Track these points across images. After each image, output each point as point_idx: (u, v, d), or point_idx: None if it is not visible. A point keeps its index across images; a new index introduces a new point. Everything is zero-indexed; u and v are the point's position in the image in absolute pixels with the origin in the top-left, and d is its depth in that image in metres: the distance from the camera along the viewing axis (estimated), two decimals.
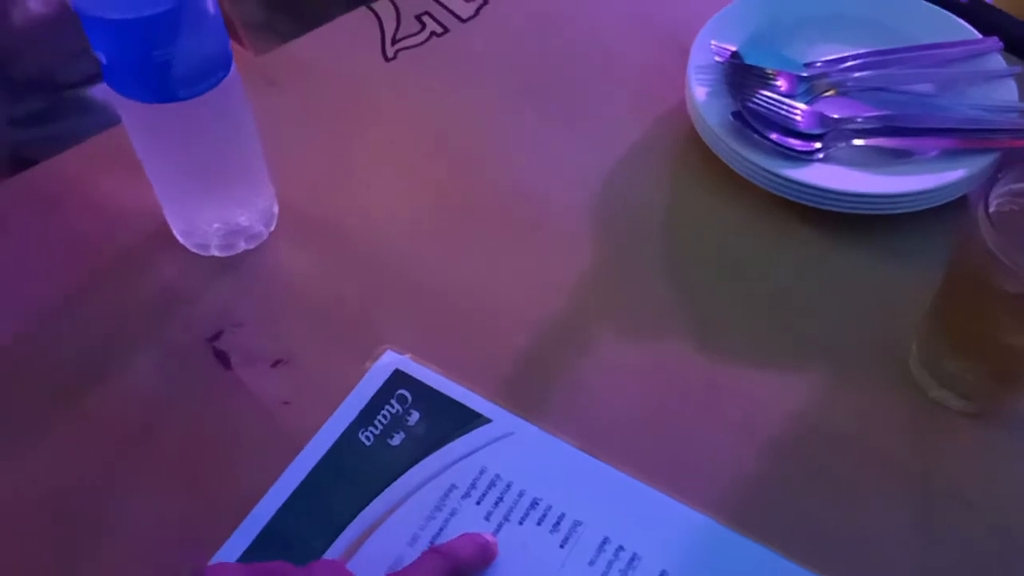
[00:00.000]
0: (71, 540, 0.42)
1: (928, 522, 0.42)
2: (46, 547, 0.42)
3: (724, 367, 0.47)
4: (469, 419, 0.45)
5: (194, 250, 0.51)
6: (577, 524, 0.42)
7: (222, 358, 0.47)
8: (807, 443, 0.44)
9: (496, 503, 0.43)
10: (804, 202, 0.52)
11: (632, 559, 0.41)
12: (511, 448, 0.45)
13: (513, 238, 0.53)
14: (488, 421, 0.45)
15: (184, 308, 0.49)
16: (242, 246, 0.51)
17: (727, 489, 0.43)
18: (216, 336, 0.48)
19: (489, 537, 0.41)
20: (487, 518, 0.42)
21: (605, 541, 0.41)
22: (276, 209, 0.52)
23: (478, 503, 0.43)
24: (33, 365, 0.48)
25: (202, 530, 0.42)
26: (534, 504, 0.43)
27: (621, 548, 0.41)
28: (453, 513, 0.42)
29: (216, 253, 0.51)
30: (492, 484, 0.43)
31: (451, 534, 0.41)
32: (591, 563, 0.41)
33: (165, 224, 0.51)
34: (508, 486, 0.43)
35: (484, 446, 0.45)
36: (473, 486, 0.43)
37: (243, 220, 0.51)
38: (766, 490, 0.43)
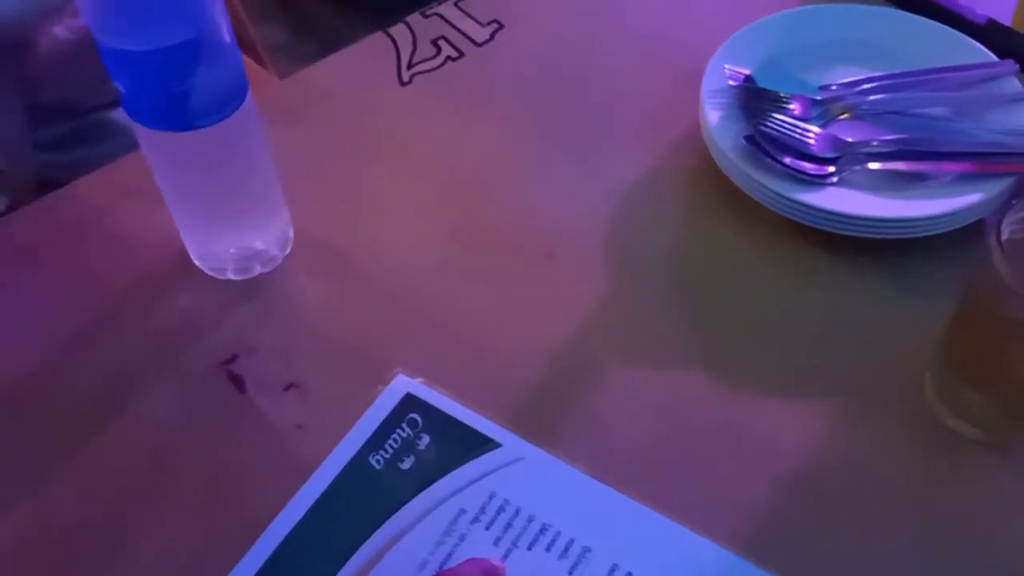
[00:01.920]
0: (80, 568, 0.42)
1: (941, 553, 0.42)
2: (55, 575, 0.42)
3: (736, 396, 0.47)
4: (479, 443, 0.45)
5: (211, 274, 0.52)
6: (586, 550, 0.42)
7: (236, 382, 0.48)
8: (819, 472, 0.44)
9: (505, 528, 0.43)
10: (818, 226, 0.51)
11: None
12: (521, 473, 0.45)
13: (525, 266, 0.53)
14: (498, 446, 0.45)
15: (200, 332, 0.50)
16: (257, 270, 0.52)
17: (738, 518, 0.43)
18: (231, 360, 0.49)
19: (496, 562, 0.41)
20: (496, 543, 0.42)
21: (614, 568, 0.41)
22: (291, 233, 0.53)
23: (487, 528, 0.43)
24: (51, 391, 0.48)
25: (214, 556, 0.42)
26: (543, 530, 0.43)
27: (630, 575, 0.41)
28: (462, 538, 0.42)
29: (232, 277, 0.52)
30: (502, 509, 0.43)
31: (460, 559, 0.41)
32: None
33: (182, 248, 0.52)
34: (517, 511, 0.43)
35: (494, 471, 0.45)
36: (483, 511, 0.43)
37: (258, 244, 0.51)
38: (777, 519, 0.43)
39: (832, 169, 0.53)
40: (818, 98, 0.57)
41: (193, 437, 0.47)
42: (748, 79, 0.57)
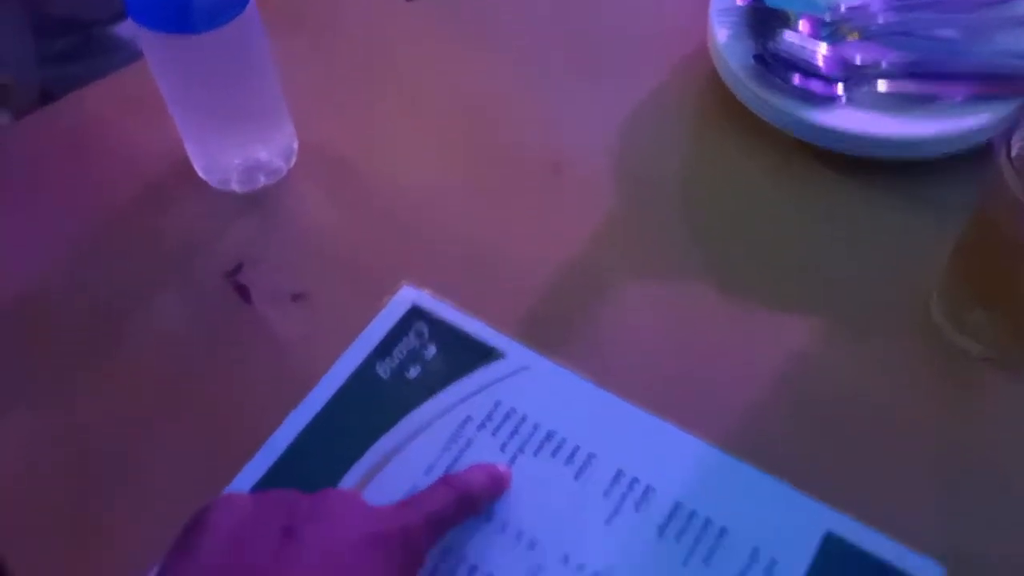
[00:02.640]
0: (93, 476, 0.43)
1: (943, 467, 0.42)
2: (68, 485, 0.43)
3: (741, 310, 0.47)
4: (485, 354, 0.46)
5: (215, 186, 0.51)
6: (592, 456, 0.42)
7: (242, 292, 0.48)
8: (824, 387, 0.44)
9: (511, 435, 0.43)
10: (826, 146, 0.51)
11: (646, 491, 0.41)
12: (526, 382, 0.45)
13: (533, 182, 0.53)
14: (504, 356, 0.46)
15: (205, 243, 0.50)
16: (262, 181, 0.51)
17: (741, 427, 0.43)
18: (236, 270, 0.49)
19: (502, 467, 0.41)
20: (502, 449, 0.43)
21: (619, 473, 0.42)
22: (296, 146, 0.53)
23: (493, 434, 0.43)
24: (56, 302, 0.48)
25: (221, 461, 0.43)
26: (549, 436, 0.43)
27: (636, 480, 0.41)
28: (468, 444, 0.43)
29: (236, 188, 0.51)
30: (507, 416, 0.44)
31: (466, 464, 0.42)
32: (605, 494, 0.41)
33: (186, 159, 0.51)
34: (523, 418, 0.44)
35: (500, 380, 0.45)
36: (488, 418, 0.44)
37: (263, 155, 0.51)
38: (780, 428, 0.43)
39: (841, 89, 0.52)
40: (827, 18, 0.56)
41: (200, 347, 0.47)
42: None
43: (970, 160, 0.50)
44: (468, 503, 0.39)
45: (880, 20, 0.56)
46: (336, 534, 0.34)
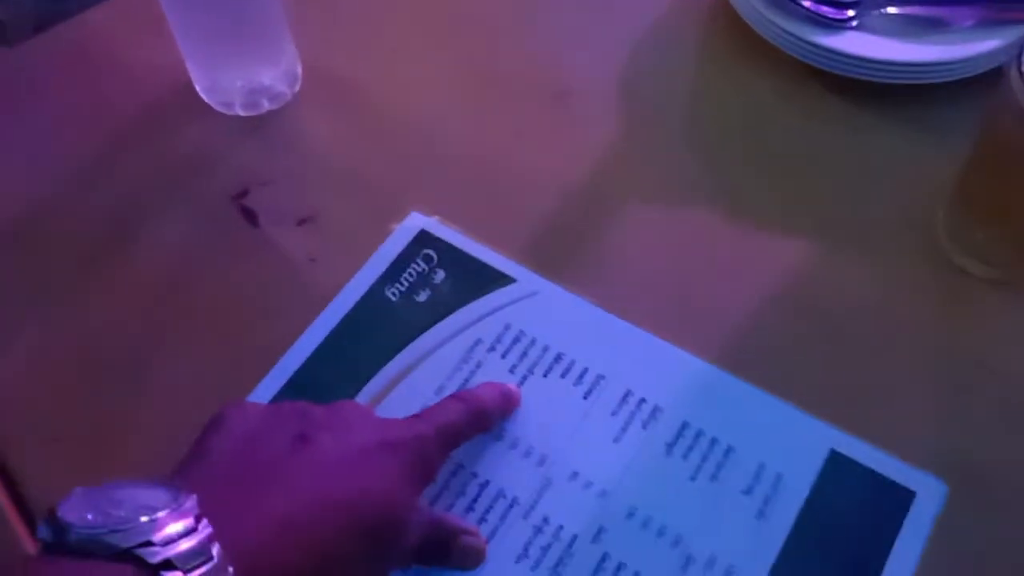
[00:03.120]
0: (103, 393, 0.43)
1: (945, 385, 0.43)
2: (78, 399, 0.43)
3: (748, 233, 0.48)
4: (494, 279, 0.46)
5: (218, 108, 0.51)
6: (600, 378, 0.43)
7: (249, 216, 0.48)
8: (828, 307, 0.45)
9: (521, 357, 0.44)
10: (835, 71, 0.51)
11: (654, 411, 0.42)
12: (535, 307, 0.45)
13: (539, 106, 0.52)
14: (513, 281, 0.46)
15: (210, 166, 0.49)
16: (265, 106, 0.51)
17: (748, 346, 0.44)
18: (243, 194, 0.48)
19: (512, 386, 0.42)
20: (512, 371, 0.43)
21: (628, 393, 0.42)
22: (299, 70, 0.52)
23: (503, 356, 0.44)
24: (61, 224, 0.48)
25: (231, 382, 0.43)
26: (558, 358, 0.43)
27: (643, 400, 0.42)
28: (479, 366, 0.43)
29: (240, 112, 0.51)
30: (517, 339, 0.44)
31: (476, 384, 0.43)
32: (613, 414, 0.42)
33: (189, 82, 0.51)
34: (533, 341, 0.44)
35: (509, 304, 0.45)
36: (498, 340, 0.44)
37: (265, 79, 0.50)
38: (786, 349, 0.44)
39: (851, 13, 0.52)
40: None
41: (207, 270, 0.47)
42: None
43: (978, 86, 0.50)
44: (480, 417, 0.40)
45: None
46: (349, 440, 0.34)
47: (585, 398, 0.42)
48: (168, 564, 0.27)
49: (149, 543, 0.27)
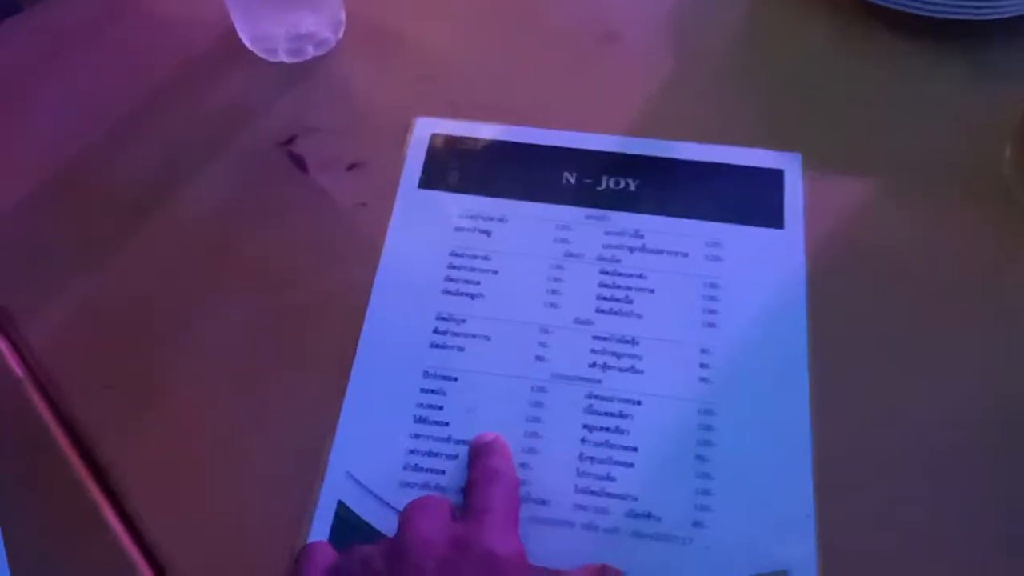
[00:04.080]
0: (155, 342, 0.43)
1: (1005, 329, 0.42)
2: (129, 348, 0.43)
3: (809, 174, 0.46)
4: None
5: (262, 55, 0.50)
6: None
7: (298, 162, 0.47)
8: (890, 248, 0.44)
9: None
10: (892, 7, 0.49)
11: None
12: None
13: (586, 49, 0.51)
14: None
15: (256, 113, 0.49)
16: (310, 52, 0.50)
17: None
18: (290, 141, 0.48)
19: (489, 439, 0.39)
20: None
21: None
22: (343, 16, 0.51)
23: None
24: (108, 176, 0.48)
25: (284, 329, 0.43)
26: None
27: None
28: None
29: (284, 59, 0.50)
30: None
31: None
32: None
33: (233, 30, 0.50)
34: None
35: None
36: None
37: (310, 24, 0.49)
38: (844, 293, 0.43)
39: None
40: None
41: (256, 219, 0.46)
42: None
43: None
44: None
45: None
46: None
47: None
48: None
49: None
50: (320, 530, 0.37)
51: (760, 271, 0.43)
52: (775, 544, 0.36)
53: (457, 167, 0.47)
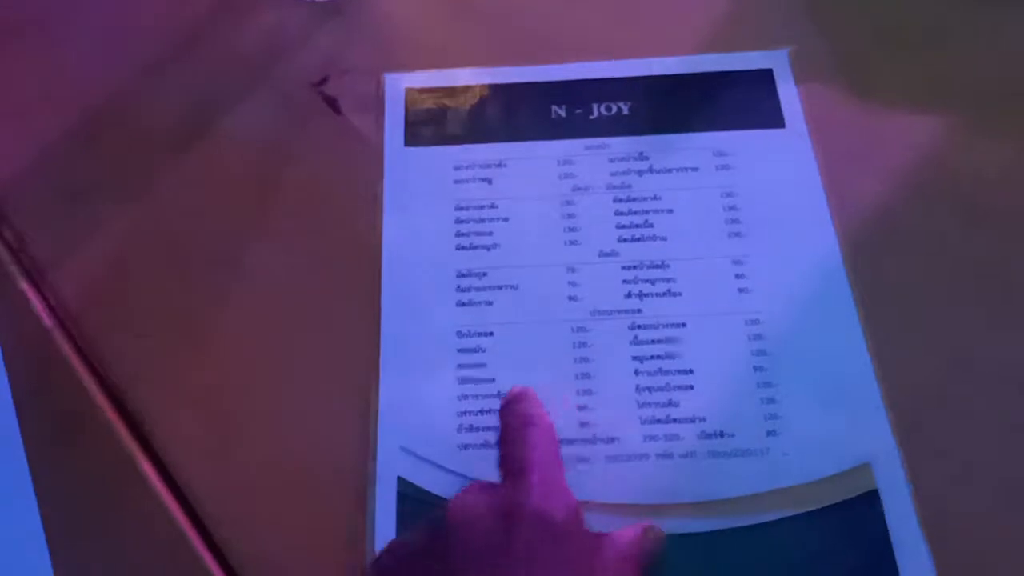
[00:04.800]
0: (190, 288, 0.41)
1: None
2: (164, 294, 0.41)
3: (879, 113, 0.44)
4: None
5: None
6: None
7: (331, 103, 0.45)
8: (970, 187, 0.42)
9: None
10: None
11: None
12: None
13: None
14: None
15: (288, 54, 0.47)
16: None
17: (881, 231, 0.41)
18: (323, 81, 0.46)
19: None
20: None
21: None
22: None
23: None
24: (138, 117, 0.46)
25: (320, 273, 0.41)
26: None
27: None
28: None
29: None
30: None
31: None
32: None
33: None
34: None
35: None
36: None
37: None
38: (923, 233, 0.41)
39: None
40: None
41: (290, 160, 0.44)
42: None
43: None
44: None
45: None
46: None
47: None
48: None
49: None
50: (385, 510, 0.35)
51: (773, 172, 0.42)
52: (852, 439, 0.36)
53: (440, 119, 0.45)
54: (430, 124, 0.45)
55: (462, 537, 0.30)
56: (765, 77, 0.45)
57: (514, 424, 0.35)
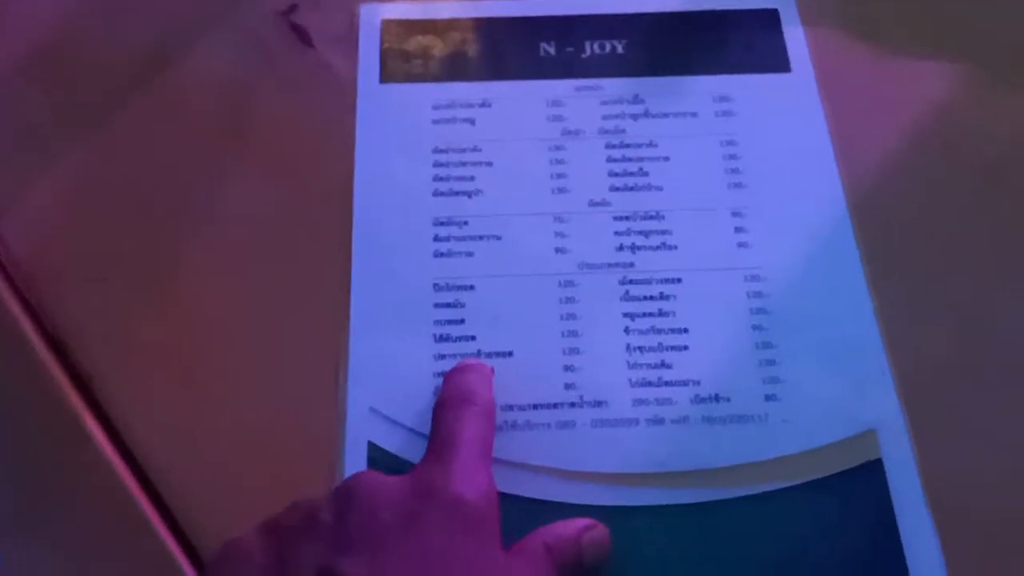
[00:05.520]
0: (151, 230, 0.38)
1: None
2: (123, 237, 0.38)
3: (886, 63, 0.41)
4: None
5: None
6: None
7: (301, 34, 0.42)
8: (981, 143, 0.39)
9: None
10: None
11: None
12: None
13: None
14: None
15: None
16: None
17: (887, 189, 0.38)
18: (291, 10, 0.42)
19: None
20: None
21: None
22: None
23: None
24: (97, 50, 0.42)
25: (292, 215, 0.38)
26: None
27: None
28: None
29: None
30: None
31: None
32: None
33: None
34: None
35: None
36: None
37: None
38: (931, 191, 0.38)
39: None
40: None
41: (257, 96, 0.41)
42: None
43: None
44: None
45: None
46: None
47: None
48: None
49: None
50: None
51: (777, 120, 0.39)
52: (856, 405, 0.33)
53: (419, 54, 0.41)
54: (408, 60, 0.41)
55: (357, 508, 0.28)
56: (771, 18, 0.42)
57: (453, 397, 0.32)
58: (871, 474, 0.32)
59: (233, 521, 0.29)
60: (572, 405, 0.34)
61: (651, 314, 0.35)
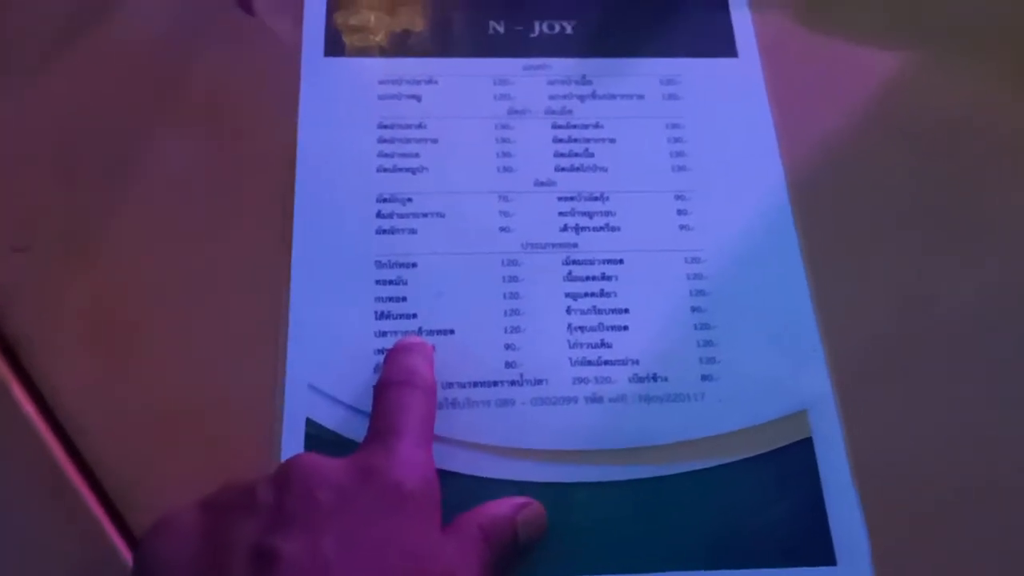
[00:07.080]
0: (78, 193, 0.37)
1: None
2: (49, 202, 0.36)
3: (837, 44, 0.42)
4: None
5: None
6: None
7: (242, 1, 0.40)
8: (928, 124, 0.40)
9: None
10: None
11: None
12: None
13: None
14: None
15: None
16: None
17: (831, 169, 0.39)
18: None
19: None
20: None
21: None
22: None
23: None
24: (18, 5, 0.40)
25: (225, 182, 0.37)
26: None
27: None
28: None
29: None
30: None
31: None
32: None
33: None
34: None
35: None
36: None
37: None
38: (877, 171, 0.39)
39: None
40: None
41: (196, 59, 0.39)
42: None
43: None
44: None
45: None
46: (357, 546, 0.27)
47: None
48: None
49: None
50: (292, 453, 0.32)
51: (722, 104, 0.40)
52: (790, 386, 0.34)
53: (365, 27, 0.41)
54: (354, 32, 0.41)
55: (296, 487, 0.27)
56: (720, 2, 0.42)
57: (395, 379, 0.32)
58: (802, 452, 0.33)
59: (167, 493, 0.29)
60: (512, 383, 0.34)
61: (593, 294, 0.36)
